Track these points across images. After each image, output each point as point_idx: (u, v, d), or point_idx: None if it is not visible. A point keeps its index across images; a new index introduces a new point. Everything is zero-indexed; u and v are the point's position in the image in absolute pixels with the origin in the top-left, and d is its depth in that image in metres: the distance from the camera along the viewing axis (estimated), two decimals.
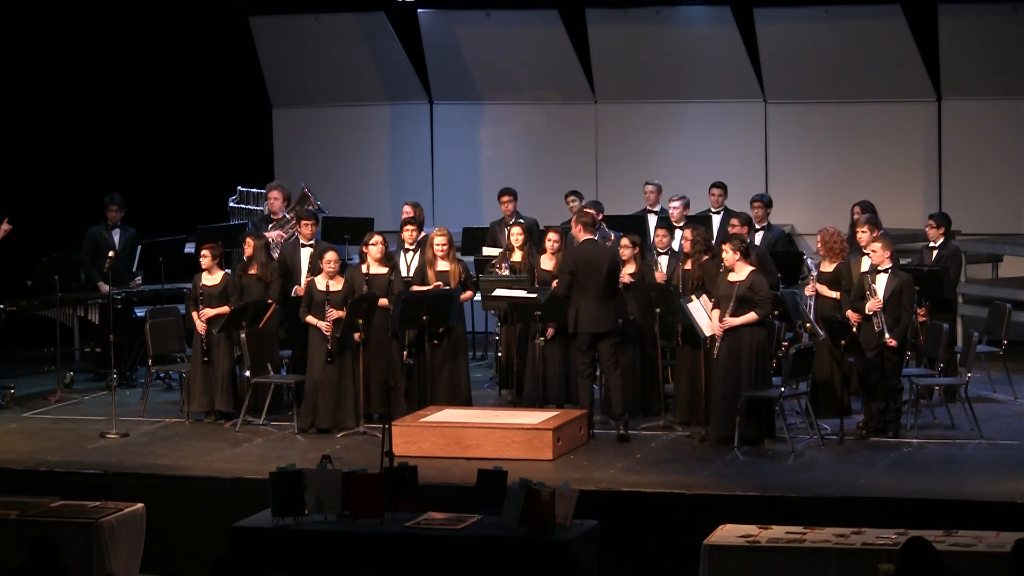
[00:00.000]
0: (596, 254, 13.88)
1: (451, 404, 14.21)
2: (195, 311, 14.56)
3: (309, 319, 14.17)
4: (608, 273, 13.80)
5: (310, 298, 14.23)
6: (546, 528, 10.46)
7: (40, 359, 16.76)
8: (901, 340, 13.40)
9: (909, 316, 13.54)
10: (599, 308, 13.71)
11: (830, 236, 14.28)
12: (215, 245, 14.86)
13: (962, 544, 10.30)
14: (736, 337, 13.20)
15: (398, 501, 11.01)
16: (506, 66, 20.00)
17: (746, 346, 13.16)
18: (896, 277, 13.48)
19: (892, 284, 13.44)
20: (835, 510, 11.53)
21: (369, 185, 20.30)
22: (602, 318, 13.72)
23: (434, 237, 14.77)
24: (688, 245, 14.26)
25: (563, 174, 19.17)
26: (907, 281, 13.52)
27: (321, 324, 14.07)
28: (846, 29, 19.03)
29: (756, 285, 13.25)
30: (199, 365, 14.47)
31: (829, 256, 14.24)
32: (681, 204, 16.02)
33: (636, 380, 14.39)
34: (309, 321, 14.17)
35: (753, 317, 13.16)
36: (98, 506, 11.80)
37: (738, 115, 19.59)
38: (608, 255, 14.00)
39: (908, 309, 13.51)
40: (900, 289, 13.42)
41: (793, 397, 13.56)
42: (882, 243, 13.59)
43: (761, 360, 13.28)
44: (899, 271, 13.64)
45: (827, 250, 14.25)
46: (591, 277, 13.73)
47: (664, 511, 11.86)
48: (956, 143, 19.14)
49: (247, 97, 20.29)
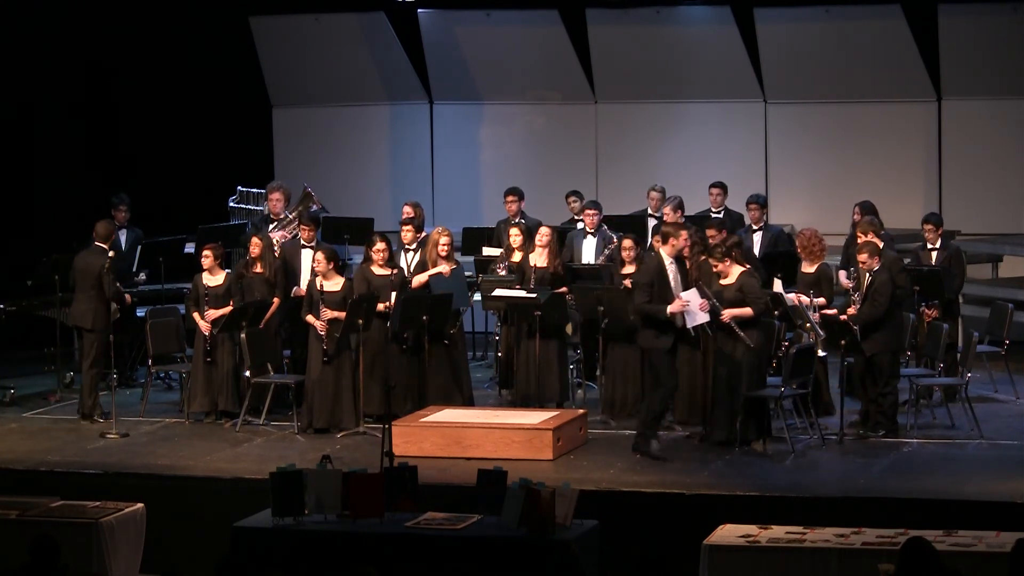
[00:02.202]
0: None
1: (452, 404, 14.20)
2: (196, 311, 14.56)
3: (309, 319, 14.18)
4: None
5: (311, 298, 14.24)
6: (546, 528, 10.46)
7: (40, 359, 16.77)
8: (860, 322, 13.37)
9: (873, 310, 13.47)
10: None
11: (807, 238, 14.29)
12: (217, 245, 14.85)
13: (962, 544, 10.30)
14: (732, 338, 13.16)
15: (398, 501, 11.01)
16: (506, 66, 20.01)
17: (741, 347, 13.13)
18: (876, 276, 13.51)
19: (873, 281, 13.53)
20: (835, 510, 11.52)
21: (369, 185, 20.30)
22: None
23: (439, 237, 14.74)
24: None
25: (563, 174, 19.18)
26: (884, 280, 13.51)
27: (317, 323, 14.08)
28: (846, 29, 19.04)
29: (746, 286, 13.24)
30: (201, 365, 14.47)
31: (809, 258, 14.26)
32: (671, 208, 15.87)
33: (636, 380, 14.39)
34: (309, 321, 14.18)
35: (749, 312, 13.13)
36: (98, 506, 11.80)
37: (738, 115, 19.60)
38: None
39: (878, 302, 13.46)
40: (873, 284, 13.47)
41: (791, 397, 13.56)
42: (867, 251, 13.64)
43: (758, 360, 13.25)
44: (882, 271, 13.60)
45: (807, 253, 14.26)
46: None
47: (664, 511, 11.86)
48: (956, 143, 19.15)
49: (247, 97, 20.29)
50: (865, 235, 14.13)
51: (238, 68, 20.17)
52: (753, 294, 13.23)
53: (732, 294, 13.19)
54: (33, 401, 15.71)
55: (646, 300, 13.07)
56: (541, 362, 14.41)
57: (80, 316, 14.86)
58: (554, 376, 14.49)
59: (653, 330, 13.07)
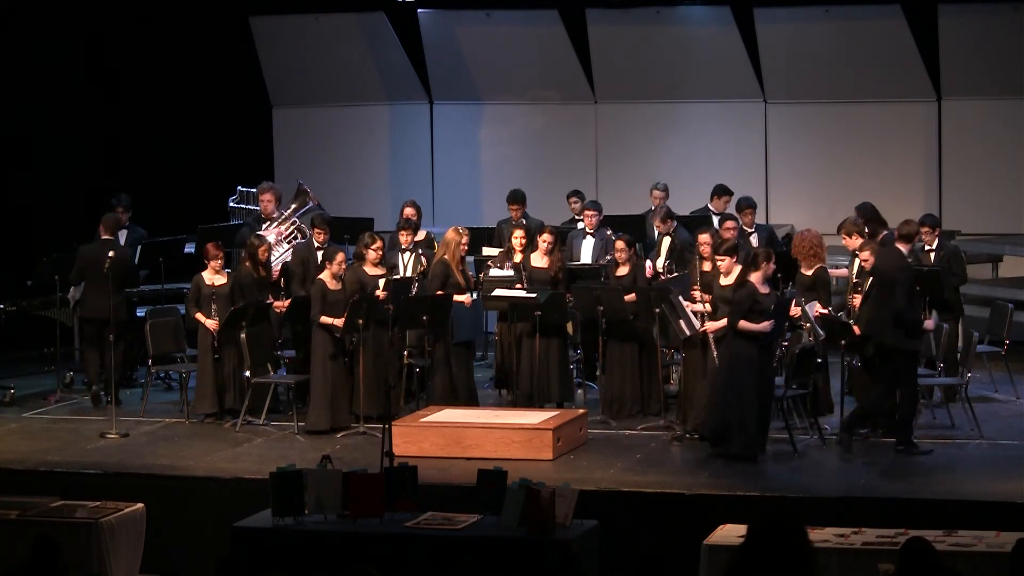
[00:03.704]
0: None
1: (454, 404, 14.21)
2: (198, 311, 14.52)
3: (324, 319, 14.09)
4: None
5: (323, 297, 14.17)
6: (546, 528, 10.46)
7: (40, 359, 16.77)
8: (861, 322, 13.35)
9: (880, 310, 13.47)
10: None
11: (803, 240, 14.28)
12: (220, 245, 14.86)
13: (962, 544, 10.30)
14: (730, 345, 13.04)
15: (398, 501, 11.01)
16: (506, 66, 20.01)
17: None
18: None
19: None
20: (835, 510, 11.52)
21: (369, 185, 20.31)
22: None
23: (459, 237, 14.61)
24: (707, 249, 14.01)
25: (563, 174, 19.18)
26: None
27: (337, 322, 14.01)
28: (846, 29, 19.04)
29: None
30: (209, 364, 14.43)
31: (804, 261, 14.25)
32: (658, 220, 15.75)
33: (636, 380, 14.39)
34: (324, 321, 14.08)
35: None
36: (98, 506, 11.80)
37: (738, 115, 19.60)
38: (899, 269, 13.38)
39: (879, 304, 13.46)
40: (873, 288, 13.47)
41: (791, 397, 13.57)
42: (870, 249, 13.63)
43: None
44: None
45: (803, 256, 14.24)
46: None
47: (664, 511, 11.86)
48: (956, 143, 19.15)
49: (247, 97, 20.30)
50: (850, 236, 14.11)
51: (238, 68, 20.17)
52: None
53: (728, 293, 13.14)
54: (33, 401, 15.71)
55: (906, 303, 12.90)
56: (542, 362, 14.41)
57: (98, 308, 14.97)
58: (555, 376, 14.49)
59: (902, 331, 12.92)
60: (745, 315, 12.69)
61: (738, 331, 12.73)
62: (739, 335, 12.75)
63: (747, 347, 12.75)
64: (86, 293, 15.40)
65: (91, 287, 15.30)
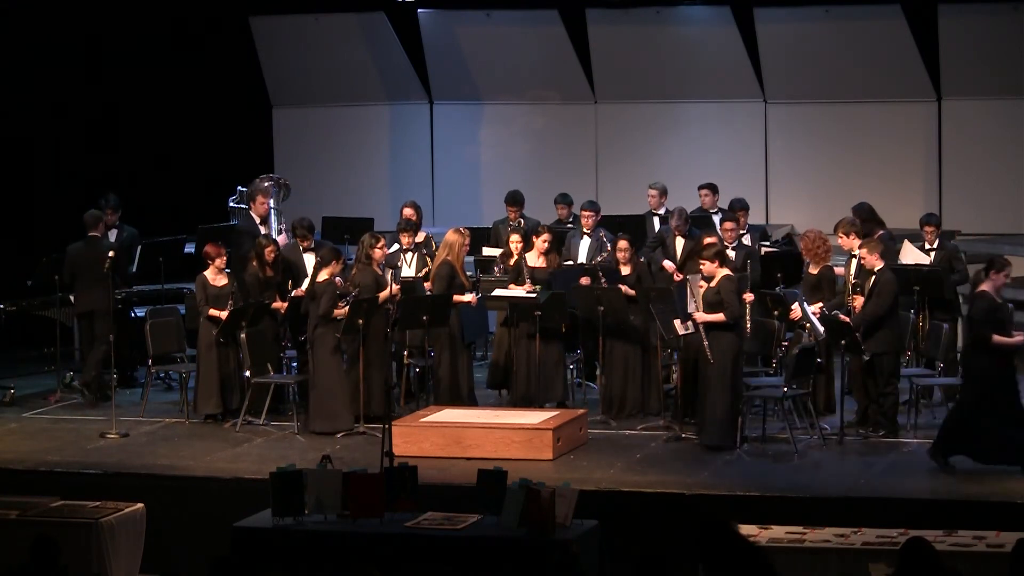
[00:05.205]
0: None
1: (454, 404, 14.20)
2: (213, 308, 14.47)
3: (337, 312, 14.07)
4: None
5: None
6: (546, 528, 10.46)
7: (40, 359, 16.76)
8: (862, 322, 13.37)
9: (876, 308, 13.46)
10: None
11: (812, 240, 14.28)
12: (220, 245, 14.85)
13: (962, 544, 10.31)
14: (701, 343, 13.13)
15: (398, 501, 11.01)
16: (506, 66, 20.02)
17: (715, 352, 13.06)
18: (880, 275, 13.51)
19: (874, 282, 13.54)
20: (835, 510, 11.52)
21: (369, 185, 20.32)
22: None
23: (462, 238, 14.61)
24: None
25: (563, 174, 19.19)
26: (886, 280, 13.51)
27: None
28: (846, 29, 19.05)
29: (723, 289, 13.21)
30: (213, 365, 14.40)
31: (813, 260, 14.26)
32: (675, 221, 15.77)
33: (636, 380, 14.39)
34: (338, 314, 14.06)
35: (720, 317, 13.10)
36: (98, 506, 11.80)
37: (738, 115, 19.62)
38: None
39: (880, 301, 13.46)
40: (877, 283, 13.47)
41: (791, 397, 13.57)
42: (867, 248, 13.63)
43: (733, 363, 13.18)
44: (885, 271, 13.59)
45: (811, 255, 14.25)
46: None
47: (664, 511, 11.85)
48: (956, 143, 19.16)
49: (247, 97, 20.30)
50: (847, 236, 14.11)
51: (238, 68, 20.18)
52: (727, 297, 13.16)
53: (712, 296, 13.17)
54: (33, 401, 15.70)
55: None
56: (541, 362, 14.41)
57: (88, 302, 15.02)
58: (554, 376, 14.49)
59: None
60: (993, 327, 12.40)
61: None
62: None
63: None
64: (77, 289, 15.43)
65: (81, 283, 15.32)
